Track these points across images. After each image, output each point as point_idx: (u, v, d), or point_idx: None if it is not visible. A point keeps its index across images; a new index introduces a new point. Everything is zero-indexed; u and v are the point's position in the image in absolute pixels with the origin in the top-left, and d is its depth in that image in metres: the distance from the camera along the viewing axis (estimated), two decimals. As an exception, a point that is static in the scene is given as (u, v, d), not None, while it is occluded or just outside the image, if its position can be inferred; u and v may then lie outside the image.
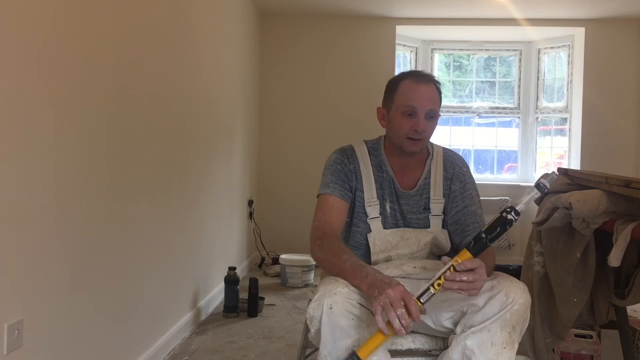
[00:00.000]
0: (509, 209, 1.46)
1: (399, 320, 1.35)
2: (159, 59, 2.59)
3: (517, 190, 5.11)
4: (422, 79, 1.75)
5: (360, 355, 1.39)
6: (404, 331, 1.35)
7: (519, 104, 5.44)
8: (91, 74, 1.96)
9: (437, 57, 5.52)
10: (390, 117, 1.78)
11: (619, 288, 2.03)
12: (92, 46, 1.96)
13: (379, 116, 1.85)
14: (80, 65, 1.88)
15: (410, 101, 1.72)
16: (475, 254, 1.46)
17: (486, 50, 5.48)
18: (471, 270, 1.43)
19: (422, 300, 1.42)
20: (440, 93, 1.78)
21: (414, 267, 1.71)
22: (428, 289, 1.43)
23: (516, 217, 1.46)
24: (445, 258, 1.49)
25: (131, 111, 2.30)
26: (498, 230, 1.46)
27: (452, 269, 1.44)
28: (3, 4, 1.50)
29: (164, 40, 2.64)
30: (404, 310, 1.36)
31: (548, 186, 1.50)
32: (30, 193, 1.64)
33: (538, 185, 1.50)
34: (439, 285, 1.43)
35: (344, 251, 1.60)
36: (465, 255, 1.46)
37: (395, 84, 1.79)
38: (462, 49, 5.49)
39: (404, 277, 1.68)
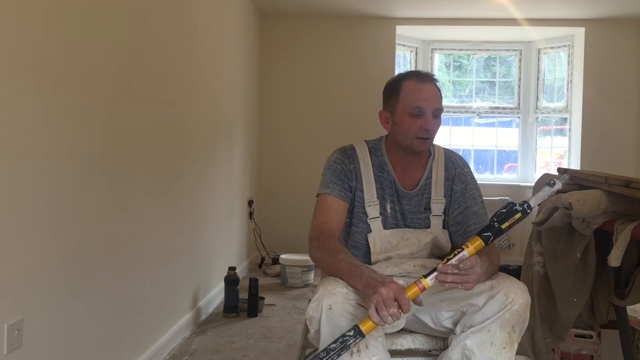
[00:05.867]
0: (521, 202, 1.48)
1: (391, 318, 1.37)
2: (159, 59, 2.59)
3: (517, 190, 5.11)
4: (424, 78, 1.76)
5: (362, 327, 1.39)
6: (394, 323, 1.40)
7: (519, 104, 5.44)
8: (91, 74, 1.95)
9: (437, 57, 5.52)
10: (396, 119, 1.77)
11: (619, 288, 2.03)
12: (93, 46, 1.96)
13: (381, 120, 1.83)
14: (79, 65, 1.88)
15: (416, 102, 1.72)
16: (485, 241, 1.47)
17: (486, 50, 5.48)
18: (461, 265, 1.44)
19: (427, 277, 1.44)
20: (440, 91, 1.79)
21: (414, 266, 1.72)
22: (435, 269, 1.45)
23: (522, 204, 1.47)
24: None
25: (131, 111, 2.30)
26: (504, 212, 1.47)
27: (455, 251, 1.46)
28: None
29: (164, 40, 2.64)
30: (396, 309, 1.37)
31: (559, 184, 1.50)
32: (30, 193, 1.64)
33: (549, 182, 1.50)
34: (442, 260, 1.46)
35: (339, 251, 1.60)
36: (476, 241, 1.47)
37: (397, 85, 1.78)
38: (462, 49, 5.49)
39: (403, 276, 1.69)
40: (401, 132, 1.76)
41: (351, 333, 1.38)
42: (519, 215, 1.47)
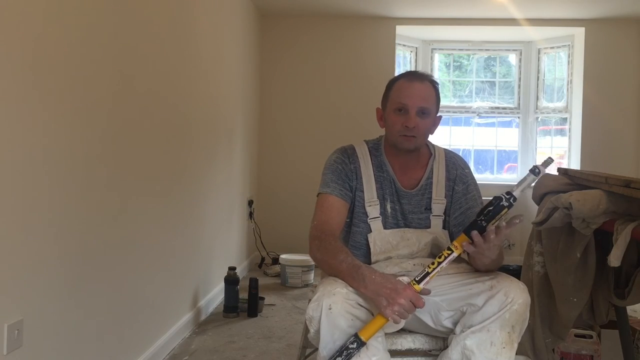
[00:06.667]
0: (506, 194, 1.50)
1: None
2: (159, 59, 2.59)
3: (517, 190, 5.11)
4: (416, 77, 1.78)
5: (362, 337, 1.43)
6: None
7: (519, 104, 5.44)
8: (91, 74, 1.95)
9: (437, 57, 5.52)
10: (386, 115, 1.81)
11: (619, 288, 2.03)
12: (92, 46, 1.96)
13: (377, 116, 1.87)
14: (79, 65, 1.88)
15: (401, 98, 1.74)
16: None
17: (486, 50, 5.48)
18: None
19: (419, 282, 1.48)
20: (437, 92, 1.78)
21: (414, 265, 1.72)
22: (424, 270, 1.50)
23: (507, 198, 1.48)
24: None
25: (131, 111, 2.30)
26: (491, 210, 1.49)
27: (445, 253, 1.51)
28: None
29: (164, 39, 2.64)
30: (414, 311, 1.45)
31: (544, 170, 1.51)
32: (30, 193, 1.64)
33: (533, 170, 1.51)
34: (432, 264, 1.50)
35: (340, 252, 1.60)
36: (463, 239, 1.50)
37: (391, 83, 1.82)
38: (462, 49, 5.49)
39: (403, 275, 1.69)
40: (388, 128, 1.80)
41: (354, 345, 1.43)
42: (505, 211, 1.49)
